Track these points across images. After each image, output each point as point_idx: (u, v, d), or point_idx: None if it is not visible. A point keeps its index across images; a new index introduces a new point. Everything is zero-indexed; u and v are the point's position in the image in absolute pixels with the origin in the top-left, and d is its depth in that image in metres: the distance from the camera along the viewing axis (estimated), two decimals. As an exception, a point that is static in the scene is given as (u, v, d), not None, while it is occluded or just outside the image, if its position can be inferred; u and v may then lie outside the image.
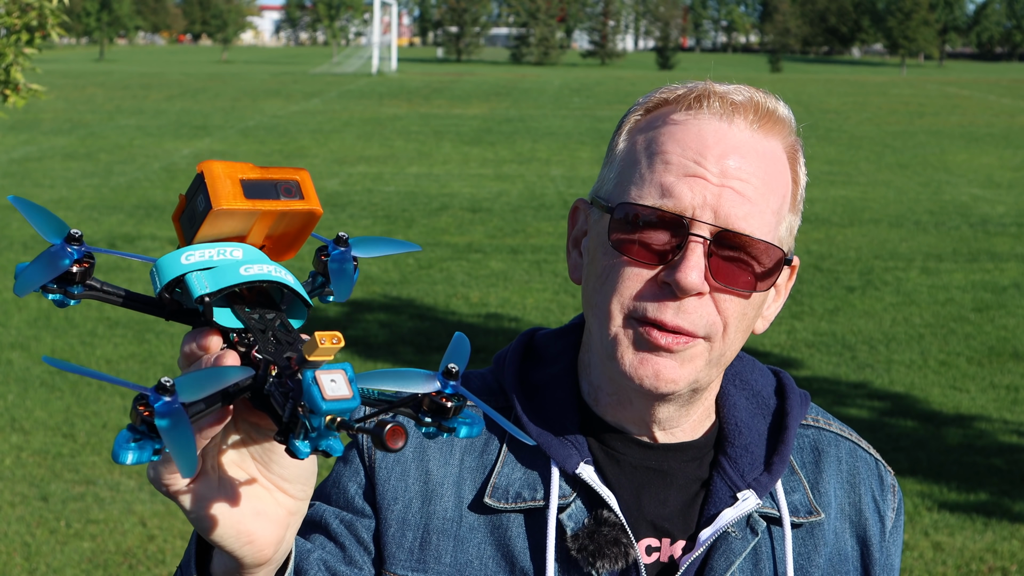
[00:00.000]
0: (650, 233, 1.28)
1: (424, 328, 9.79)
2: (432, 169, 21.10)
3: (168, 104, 36.29)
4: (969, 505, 6.31)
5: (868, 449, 1.49)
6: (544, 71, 76.36)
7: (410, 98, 41.12)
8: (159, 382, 0.86)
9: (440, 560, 1.34)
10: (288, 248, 1.03)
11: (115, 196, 17.13)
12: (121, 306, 0.98)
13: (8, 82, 6.33)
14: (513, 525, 1.35)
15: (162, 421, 0.85)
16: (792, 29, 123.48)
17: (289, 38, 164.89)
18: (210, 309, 0.96)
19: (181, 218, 1.00)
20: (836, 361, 9.09)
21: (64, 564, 5.63)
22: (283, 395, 0.90)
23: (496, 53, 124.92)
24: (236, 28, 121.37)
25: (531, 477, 1.36)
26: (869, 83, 59.92)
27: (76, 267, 0.93)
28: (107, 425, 7.43)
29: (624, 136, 1.37)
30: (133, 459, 0.86)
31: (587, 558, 1.32)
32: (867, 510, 1.44)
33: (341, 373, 0.88)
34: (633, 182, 1.31)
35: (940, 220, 15.94)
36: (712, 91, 1.33)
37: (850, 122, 32.72)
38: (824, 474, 1.43)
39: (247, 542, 0.99)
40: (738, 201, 1.28)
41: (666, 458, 1.38)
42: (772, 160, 1.33)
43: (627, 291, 1.29)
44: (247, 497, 0.99)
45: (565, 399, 1.39)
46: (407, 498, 1.36)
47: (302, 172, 1.00)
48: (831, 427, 1.48)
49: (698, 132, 1.30)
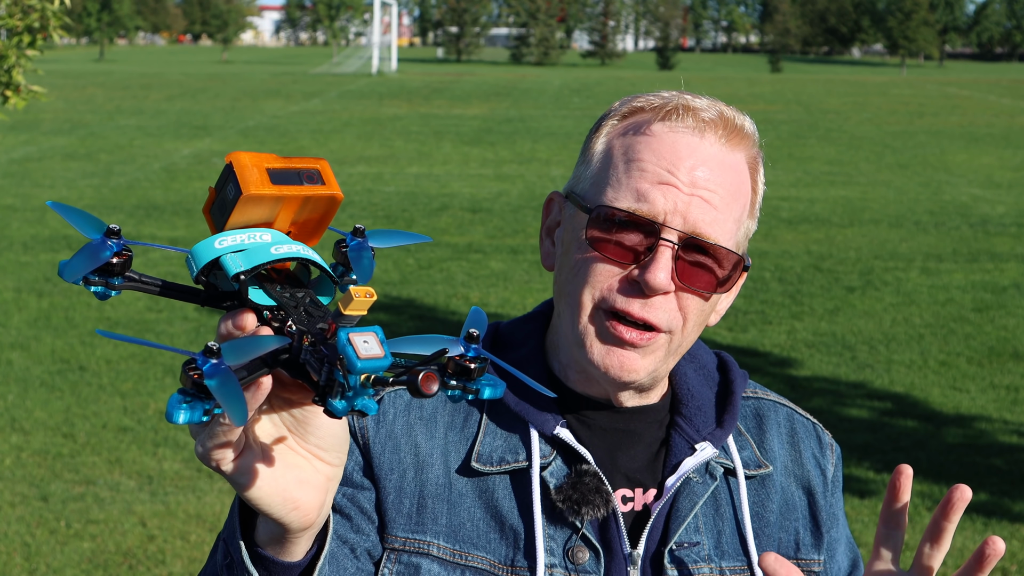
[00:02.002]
0: (624, 234, 1.42)
1: (424, 328, 9.79)
2: (432, 169, 21.10)
3: (168, 104, 36.29)
4: (969, 505, 6.29)
5: (805, 415, 1.65)
6: (544, 71, 76.36)
7: (410, 98, 41.12)
8: (206, 346, 0.94)
9: (437, 521, 1.46)
10: (312, 234, 1.10)
11: (115, 196, 17.13)
12: (159, 295, 1.05)
13: (9, 84, 6.33)
14: (499, 487, 1.47)
15: (211, 380, 0.93)
16: (792, 29, 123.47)
17: (289, 38, 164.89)
18: (245, 287, 1.03)
19: (212, 209, 1.07)
20: (836, 361, 9.09)
21: (64, 564, 5.63)
22: (318, 361, 0.97)
23: (496, 53, 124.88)
24: (236, 28, 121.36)
25: (512, 442, 1.48)
26: (869, 83, 59.90)
27: (115, 259, 1.01)
28: (107, 425, 7.43)
29: (602, 139, 1.49)
30: (185, 418, 0.94)
31: (571, 507, 1.44)
32: (809, 465, 1.60)
33: (372, 335, 0.94)
34: (610, 184, 1.45)
35: (940, 220, 15.94)
36: (687, 106, 1.45)
37: (850, 122, 32.73)
38: (767, 435, 1.58)
39: (293, 508, 1.09)
40: (705, 209, 1.42)
41: (630, 420, 1.52)
42: (737, 171, 1.46)
43: (599, 285, 1.43)
44: (289, 467, 1.09)
45: (536, 374, 1.51)
46: (401, 469, 1.47)
47: (322, 161, 1.08)
48: (769, 396, 1.63)
49: (672, 144, 1.43)
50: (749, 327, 10.05)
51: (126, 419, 7.55)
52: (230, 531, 1.20)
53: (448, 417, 1.50)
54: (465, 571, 1.44)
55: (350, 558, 1.43)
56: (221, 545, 1.24)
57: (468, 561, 1.45)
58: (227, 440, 1.03)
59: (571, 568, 1.44)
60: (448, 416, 1.50)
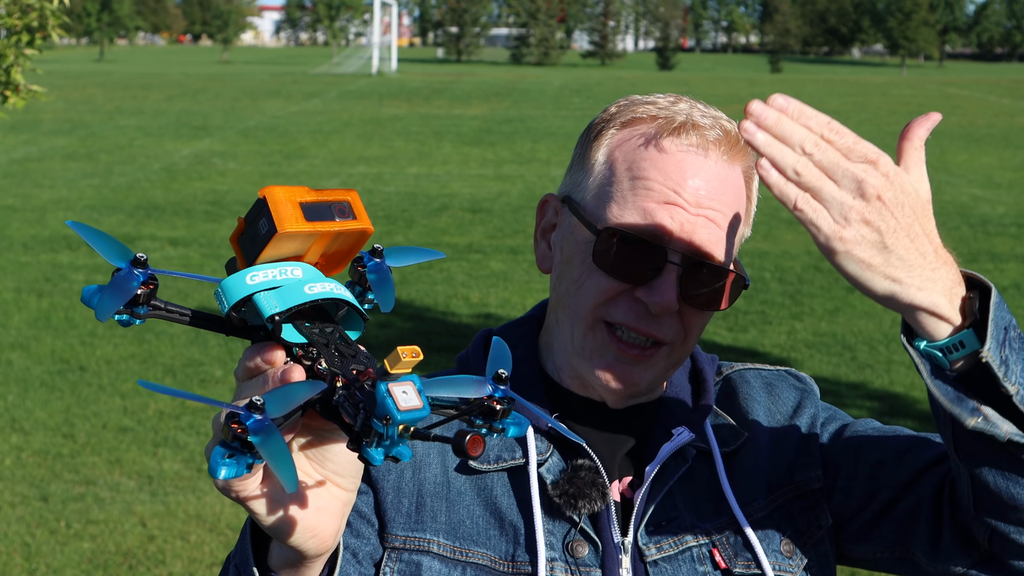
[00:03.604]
0: (630, 254, 1.44)
1: (424, 328, 9.80)
2: (432, 169, 21.10)
3: (168, 104, 36.29)
4: (969, 505, 6.31)
5: (773, 367, 1.69)
6: (544, 71, 76.37)
7: (410, 98, 41.12)
8: (250, 401, 0.93)
9: (436, 519, 1.47)
10: (338, 264, 1.11)
11: (115, 196, 17.13)
12: (188, 324, 1.05)
13: (8, 83, 6.33)
14: (498, 484, 1.49)
15: (256, 437, 0.93)
16: (792, 30, 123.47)
17: (289, 38, 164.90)
18: (279, 328, 1.02)
19: (241, 239, 1.06)
20: (836, 361, 9.09)
21: (64, 564, 5.63)
22: (353, 406, 0.97)
23: (496, 53, 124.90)
24: (236, 28, 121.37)
25: (508, 440, 1.49)
26: (869, 83, 59.89)
27: (141, 289, 1.00)
28: (107, 426, 7.43)
29: (603, 148, 1.49)
30: (228, 474, 0.95)
31: (568, 501, 1.46)
32: (790, 402, 1.62)
33: (411, 384, 0.95)
34: (615, 200, 1.46)
35: (940, 220, 15.54)
36: (694, 123, 1.46)
37: (850, 122, 32.38)
38: (742, 404, 1.61)
39: (311, 536, 1.09)
40: (710, 229, 1.45)
41: (625, 418, 1.55)
42: (737, 187, 1.49)
43: (603, 300, 1.46)
44: (308, 494, 1.09)
45: (530, 374, 1.55)
46: (399, 469, 1.49)
47: (352, 193, 1.08)
48: (735, 368, 1.67)
49: (678, 164, 1.44)
50: (749, 327, 10.05)
51: (126, 419, 7.55)
52: (243, 557, 1.19)
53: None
54: (466, 568, 1.46)
55: (352, 563, 1.44)
56: (232, 570, 1.23)
57: (469, 558, 1.46)
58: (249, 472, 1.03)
59: (571, 562, 1.46)
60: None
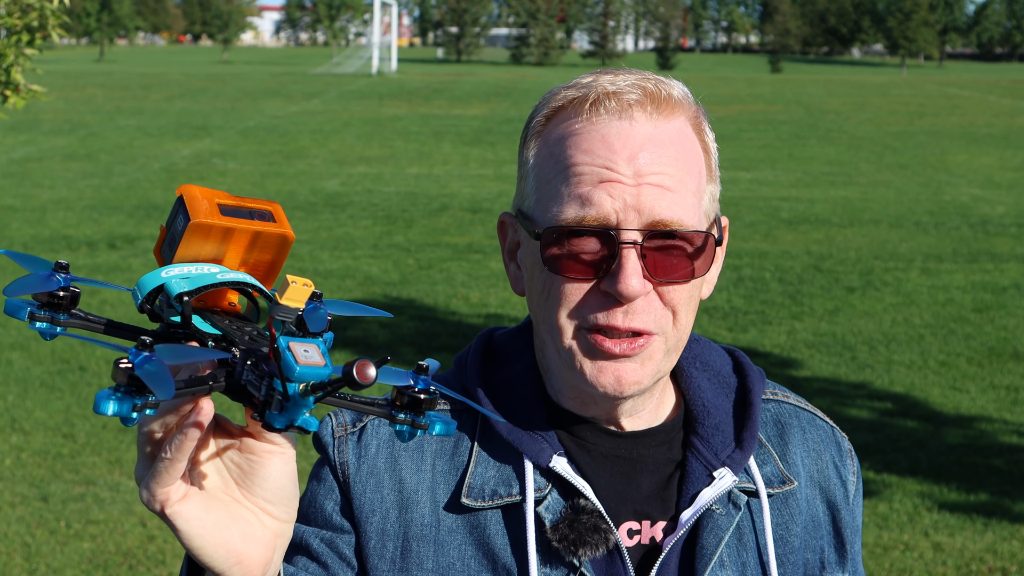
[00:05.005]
0: (581, 248, 1.30)
1: (424, 328, 9.79)
2: (432, 169, 21.10)
3: (168, 104, 36.29)
4: (969, 505, 6.31)
5: (824, 418, 1.53)
6: (544, 72, 76.36)
7: (410, 98, 41.12)
8: (139, 339, 0.90)
9: (422, 567, 1.36)
10: (263, 279, 1.06)
11: (115, 196, 17.13)
12: (103, 333, 1.01)
13: (8, 83, 6.33)
14: (492, 523, 1.37)
15: (141, 371, 0.88)
16: (792, 30, 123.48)
17: (289, 38, 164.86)
18: (188, 309, 0.99)
19: (162, 248, 1.05)
20: (836, 361, 9.09)
21: (64, 564, 5.63)
22: (259, 378, 0.94)
23: (496, 53, 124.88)
24: (236, 29, 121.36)
25: (505, 474, 1.37)
26: (869, 83, 59.88)
27: (63, 292, 0.97)
28: (107, 426, 7.43)
29: (532, 146, 1.37)
30: (113, 409, 0.88)
31: (568, 547, 1.33)
32: (831, 475, 1.48)
33: (314, 346, 0.90)
34: (552, 199, 1.32)
35: (940, 220, 15.94)
36: (605, 92, 1.32)
37: (850, 122, 32.72)
38: (790, 445, 1.47)
39: (236, 563, 1.03)
40: (658, 194, 1.29)
41: (635, 445, 1.40)
42: (679, 141, 1.33)
43: (571, 304, 1.31)
44: (234, 519, 1.03)
45: (531, 396, 1.41)
46: (384, 509, 1.38)
47: (275, 204, 1.05)
48: (789, 399, 1.52)
49: (602, 137, 1.30)
50: (749, 327, 10.05)
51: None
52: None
53: (436, 444, 1.40)
54: None
55: None
56: None
57: None
58: (171, 479, 0.99)
59: None
60: (436, 443, 1.40)
